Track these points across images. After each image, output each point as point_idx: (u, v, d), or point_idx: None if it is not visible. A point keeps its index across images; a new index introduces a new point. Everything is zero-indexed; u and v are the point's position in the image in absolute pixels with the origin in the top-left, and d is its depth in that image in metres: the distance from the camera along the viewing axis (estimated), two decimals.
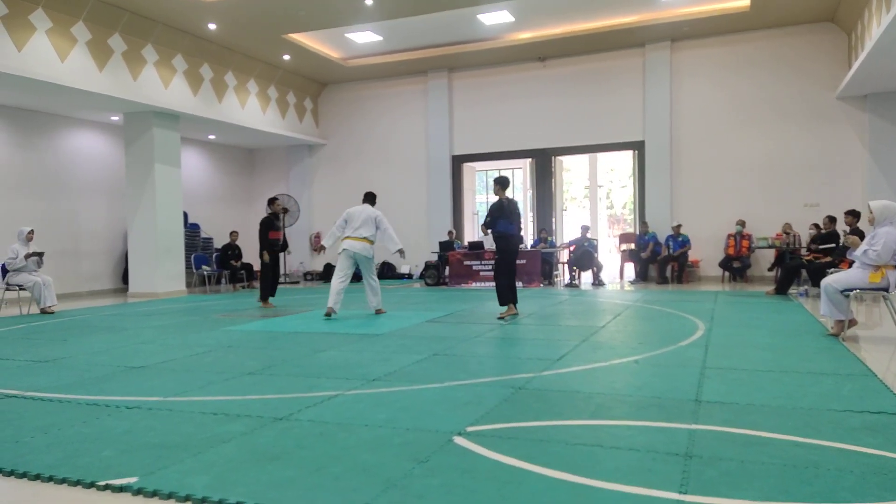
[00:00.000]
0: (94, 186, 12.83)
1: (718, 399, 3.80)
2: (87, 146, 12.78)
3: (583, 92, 13.81)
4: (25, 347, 6.36)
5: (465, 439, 3.14)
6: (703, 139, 12.98)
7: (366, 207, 8.24)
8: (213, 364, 5.31)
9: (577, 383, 4.31)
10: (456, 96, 14.92)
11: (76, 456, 3.05)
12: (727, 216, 12.66)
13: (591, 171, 23.88)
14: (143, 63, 11.30)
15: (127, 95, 10.88)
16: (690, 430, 3.23)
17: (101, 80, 10.49)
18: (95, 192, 12.86)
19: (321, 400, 3.98)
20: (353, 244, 7.99)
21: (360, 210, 8.16)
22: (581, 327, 6.91)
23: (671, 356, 5.19)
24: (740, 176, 12.71)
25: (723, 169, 12.83)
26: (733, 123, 12.77)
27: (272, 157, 16.80)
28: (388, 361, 5.19)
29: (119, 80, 10.83)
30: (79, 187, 12.55)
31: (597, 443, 3.06)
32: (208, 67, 12.79)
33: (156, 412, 3.80)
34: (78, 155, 12.56)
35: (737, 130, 12.75)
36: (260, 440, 3.22)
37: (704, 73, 12.96)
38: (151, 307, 9.99)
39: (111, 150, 13.15)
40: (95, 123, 12.88)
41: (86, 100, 10.79)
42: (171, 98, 11.84)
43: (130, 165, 12.01)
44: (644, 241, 12.89)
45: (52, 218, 11.99)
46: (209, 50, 12.56)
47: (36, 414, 3.85)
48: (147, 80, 11.38)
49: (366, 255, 8.03)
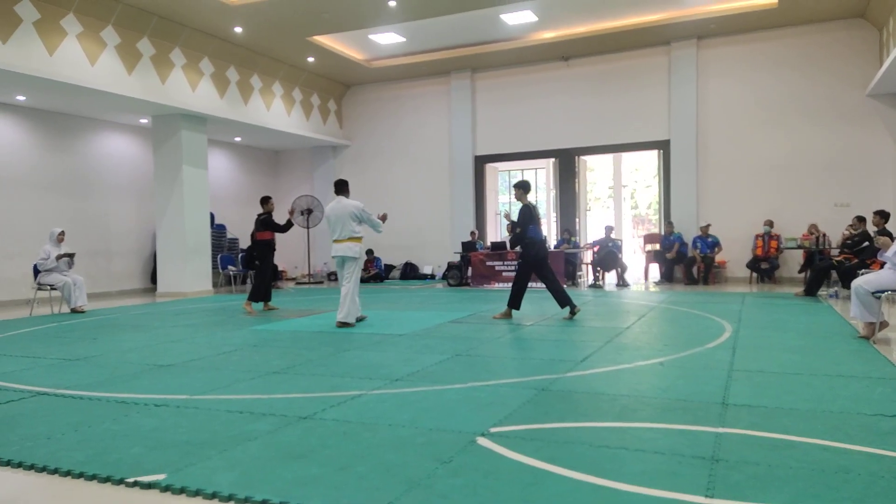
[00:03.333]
0: (123, 188, 13.07)
1: (746, 402, 3.75)
2: (117, 148, 13.02)
3: (607, 91, 13.71)
4: (57, 346, 6.50)
5: (489, 440, 3.14)
6: (730, 138, 12.81)
7: (339, 202, 7.38)
8: (239, 363, 5.38)
9: (602, 385, 4.29)
10: (479, 97, 14.91)
11: (106, 453, 3.12)
12: (754, 216, 12.47)
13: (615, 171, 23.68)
14: (170, 66, 11.48)
15: (155, 98, 11.06)
16: (717, 433, 3.19)
17: (130, 84, 10.68)
18: (125, 193, 13.09)
19: (345, 399, 4.01)
20: (335, 248, 7.32)
21: (333, 208, 7.38)
22: (605, 328, 6.87)
23: (697, 358, 5.13)
24: (767, 175, 12.51)
25: (750, 168, 12.64)
26: (761, 122, 12.57)
27: (296, 158, 16.95)
28: (411, 361, 5.21)
29: (147, 83, 11.01)
30: (108, 189, 12.79)
31: (622, 445, 3.04)
32: (234, 70, 12.95)
33: (183, 410, 3.85)
34: (107, 157, 12.80)
35: (764, 129, 12.55)
36: (285, 438, 3.26)
37: (731, 72, 12.78)
38: (179, 306, 10.14)
39: (140, 152, 13.38)
40: (124, 126, 13.12)
41: (115, 103, 10.99)
42: (198, 101, 12.01)
43: (159, 167, 12.21)
44: (669, 242, 12.75)
45: (83, 219, 12.24)
46: (235, 53, 12.72)
47: (67, 411, 3.93)
48: (175, 83, 11.57)
49: (348, 255, 7.27)
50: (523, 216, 7.53)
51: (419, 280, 14.96)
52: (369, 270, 15.01)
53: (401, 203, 15.60)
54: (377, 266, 15.19)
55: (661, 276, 12.94)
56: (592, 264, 12.82)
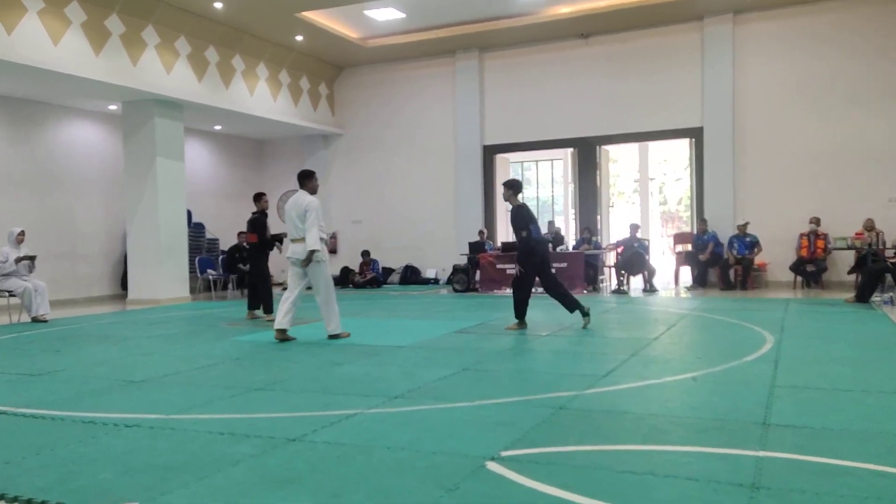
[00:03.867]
0: (90, 182, 13.12)
1: (789, 422, 3.74)
2: (83, 138, 13.08)
3: (632, 72, 13.70)
4: (16, 359, 6.53)
5: (499, 465, 3.14)
6: (771, 125, 12.77)
7: (297, 196, 7.15)
8: (219, 378, 5.39)
9: (627, 403, 4.28)
10: (488, 79, 14.91)
11: (71, 478, 3.12)
12: (799, 213, 12.42)
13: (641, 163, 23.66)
14: (143, 46, 11.53)
15: (126, 82, 11.10)
16: (757, 457, 3.18)
17: (98, 66, 10.73)
18: (92, 188, 13.15)
19: (338, 419, 4.02)
20: (293, 249, 7.06)
21: (290, 203, 7.16)
22: (630, 339, 6.85)
23: (735, 372, 5.12)
24: (814, 167, 12.47)
25: (794, 159, 12.60)
26: (806, 107, 12.53)
27: (284, 148, 16.99)
28: (411, 377, 5.21)
29: (117, 65, 11.06)
30: (73, 183, 12.84)
31: (649, 471, 3.03)
32: (214, 51, 12.99)
33: (158, 431, 3.86)
34: (72, 148, 12.86)
35: (809, 115, 12.51)
36: (271, 463, 3.26)
37: (772, 50, 12.75)
38: (153, 315, 10.17)
39: (109, 142, 13.43)
40: (92, 113, 13.17)
41: (81, 87, 11.04)
42: (173, 84, 12.06)
43: (130, 159, 12.25)
44: (703, 242, 12.73)
45: (45, 217, 12.29)
46: (215, 31, 12.76)
47: (28, 432, 3.95)
48: (147, 65, 11.61)
49: (302, 259, 7.01)
50: (523, 218, 7.53)
51: (421, 285, 14.97)
52: (365, 274, 15.03)
53: (400, 199, 15.62)
54: (374, 270, 15.21)
55: (693, 280, 12.91)
56: (616, 267, 12.80)
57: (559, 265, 12.32)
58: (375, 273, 15.14)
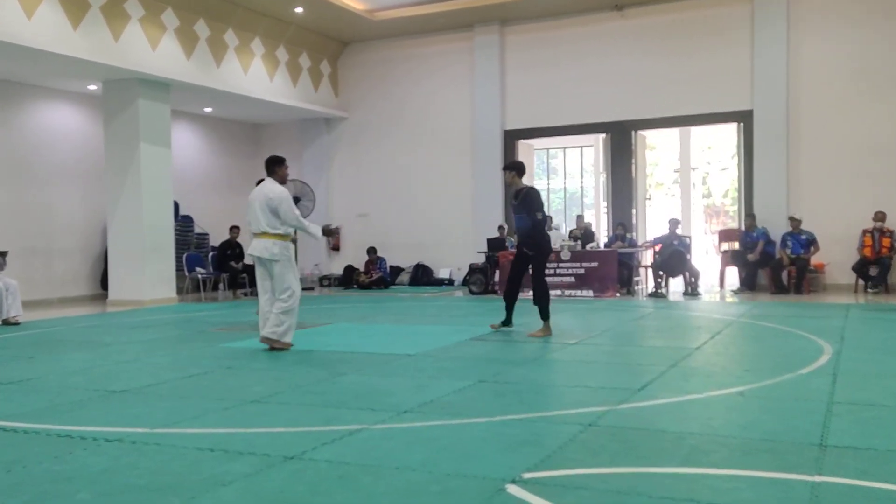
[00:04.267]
0: (67, 170, 13.24)
1: (850, 443, 3.71)
2: (59, 121, 13.19)
3: (672, 49, 13.62)
4: None
5: (521, 488, 3.13)
6: (829, 109, 12.67)
7: (263, 186, 7.12)
8: (209, 388, 5.42)
9: (665, 420, 4.27)
10: (509, 57, 14.89)
11: (44, 499, 3.14)
12: (861, 208, 12.30)
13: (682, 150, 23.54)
14: (125, 19, 11.60)
15: (106, 59, 11.18)
16: (813, 482, 3.15)
17: (76, 41, 10.81)
18: (69, 177, 13.26)
19: (341, 435, 4.02)
20: (255, 245, 7.00)
21: (255, 192, 7.12)
22: (669, 349, 6.83)
23: (787, 387, 5.09)
24: (878, 157, 12.36)
25: (855, 147, 12.49)
26: (869, 90, 12.42)
27: (282, 134, 17.05)
28: (423, 389, 5.22)
29: (97, 40, 11.14)
30: (49, 171, 12.96)
31: (690, 497, 3.01)
32: (204, 24, 13.06)
33: (141, 447, 3.89)
34: (48, 132, 12.98)
35: (873, 99, 12.39)
36: (267, 484, 3.27)
37: (831, 26, 12.65)
38: (136, 318, 10.24)
39: (88, 126, 13.54)
40: (69, 94, 13.28)
41: (57, 65, 11.13)
42: (159, 62, 12.13)
43: (111, 145, 12.34)
44: (751, 240, 12.64)
45: (17, 209, 12.41)
46: (205, 3, 12.83)
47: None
48: (131, 41, 11.68)
49: (265, 257, 6.92)
50: (539, 199, 7.76)
51: (434, 286, 14.98)
52: (371, 274, 15.07)
53: (411, 190, 15.64)
54: (381, 269, 15.24)
55: (740, 282, 12.84)
56: (653, 268, 12.75)
57: (589, 265, 12.30)
58: (382, 273, 15.17)
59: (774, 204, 12.93)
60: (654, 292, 12.33)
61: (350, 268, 15.62)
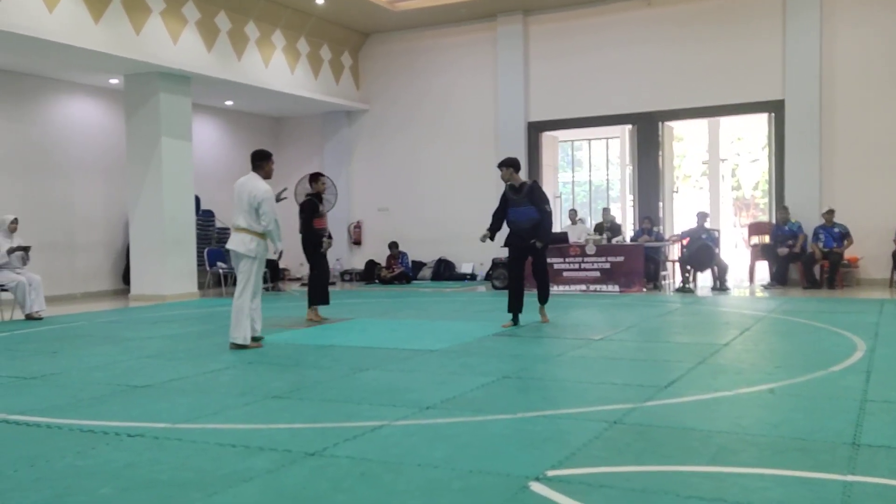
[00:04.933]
0: (89, 165, 13.38)
1: (884, 442, 3.68)
2: (81, 115, 13.33)
3: (700, 38, 13.49)
4: (8, 361, 6.70)
5: (545, 486, 3.13)
6: (865, 99, 12.49)
7: (248, 179, 7.15)
8: (231, 384, 5.47)
9: (692, 418, 4.25)
10: (533, 47, 14.82)
11: (68, 494, 3.19)
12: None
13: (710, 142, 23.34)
14: (147, 12, 11.69)
15: (128, 53, 11.28)
16: (845, 482, 3.13)
17: (97, 35, 10.91)
18: (91, 171, 13.40)
19: (362, 432, 4.04)
20: (231, 238, 7.06)
21: (239, 185, 7.18)
22: (697, 345, 6.79)
23: (819, 385, 5.05)
24: None
25: (891, 138, 12.30)
26: None
27: (302, 127, 17.12)
28: (445, 385, 5.23)
29: (118, 33, 11.24)
30: (71, 166, 13.10)
31: (718, 496, 3.00)
32: (225, 17, 13.13)
33: (163, 442, 3.93)
34: (70, 126, 13.12)
35: None
36: (288, 480, 3.30)
37: (867, 12, 12.45)
38: (157, 313, 10.35)
39: (110, 120, 13.68)
40: (90, 88, 13.42)
41: (78, 58, 11.24)
42: (180, 55, 12.22)
43: (132, 139, 12.46)
44: (783, 233, 12.51)
45: (40, 204, 12.56)
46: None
47: (20, 442, 4.05)
48: (152, 34, 11.78)
49: (241, 251, 6.92)
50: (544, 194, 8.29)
51: (456, 281, 14.98)
52: (393, 269, 15.10)
53: (433, 184, 15.63)
54: (403, 263, 15.27)
55: (770, 277, 12.72)
56: (681, 262, 12.66)
57: (615, 259, 12.23)
58: (404, 267, 15.20)
59: (806, 196, 12.78)
60: (681, 287, 12.25)
61: (371, 262, 15.66)
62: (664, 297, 11.52)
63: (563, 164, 20.93)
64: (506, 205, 8.23)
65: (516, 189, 8.17)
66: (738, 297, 11.46)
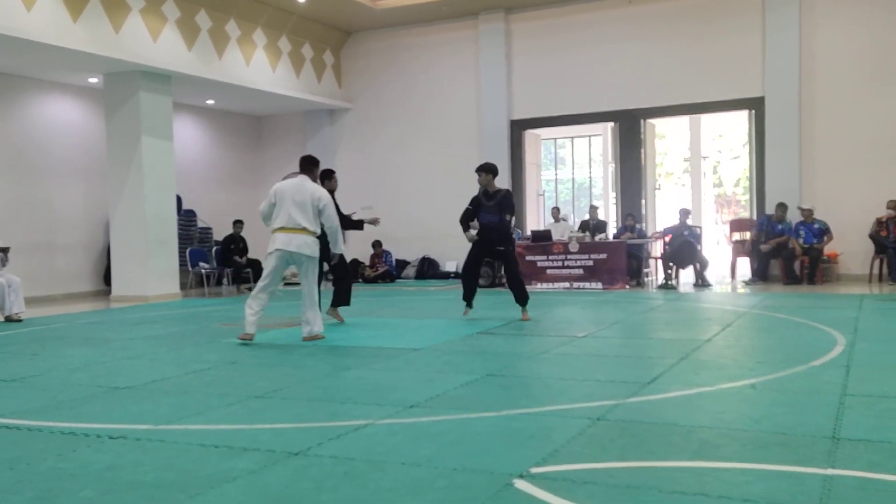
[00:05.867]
0: (68, 165, 13.26)
1: (863, 436, 3.71)
2: (60, 115, 13.22)
3: (681, 36, 13.56)
4: None
5: (529, 483, 3.14)
6: (844, 95, 12.60)
7: (302, 182, 7.18)
8: (213, 384, 5.44)
9: (675, 413, 4.28)
10: (515, 45, 14.85)
11: (49, 497, 3.17)
12: (875, 197, 12.21)
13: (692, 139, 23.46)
14: (126, 11, 11.61)
15: (107, 52, 11.19)
16: (825, 475, 3.16)
17: (76, 33, 10.83)
18: (70, 171, 13.29)
19: (346, 431, 4.04)
20: (289, 238, 6.97)
21: (292, 186, 7.12)
22: (679, 341, 6.83)
23: (800, 379, 5.09)
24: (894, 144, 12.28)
25: (870, 135, 12.42)
26: (885, 77, 12.33)
27: (285, 125, 17.06)
28: (430, 383, 5.23)
29: (97, 32, 11.15)
30: (50, 166, 12.98)
31: (700, 491, 3.02)
32: (206, 15, 13.06)
33: (145, 443, 3.91)
34: (49, 126, 13.00)
35: (888, 85, 12.31)
36: (271, 480, 3.29)
37: (846, 9, 12.56)
38: (139, 314, 10.29)
39: (90, 119, 13.56)
40: (70, 87, 13.31)
41: (57, 57, 11.15)
42: (160, 54, 12.14)
43: (112, 138, 12.37)
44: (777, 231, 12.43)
45: (18, 205, 12.45)
46: None
47: (0, 445, 4.01)
48: (131, 33, 11.70)
49: (307, 253, 6.99)
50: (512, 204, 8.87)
51: (440, 280, 14.99)
52: (377, 268, 15.08)
53: (416, 182, 15.63)
54: (387, 262, 15.26)
55: (752, 273, 12.81)
56: (663, 259, 12.73)
57: (598, 256, 12.29)
58: (388, 266, 15.19)
59: (787, 192, 12.86)
60: (664, 284, 12.32)
61: (355, 261, 15.61)
62: (647, 293, 11.58)
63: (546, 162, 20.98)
64: (478, 208, 8.62)
65: (490, 196, 8.56)
66: (719, 293, 11.54)
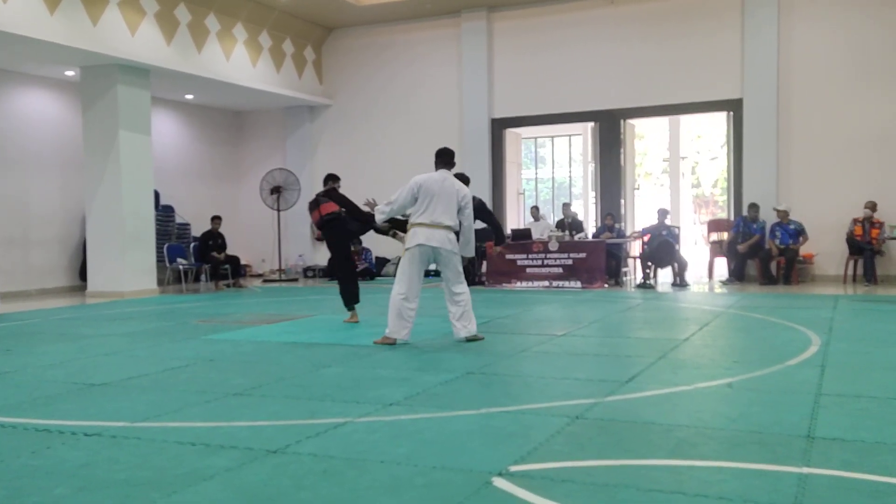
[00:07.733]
0: (44, 159, 13.11)
1: (838, 435, 3.75)
2: (36, 108, 13.06)
3: (661, 37, 13.63)
4: None
5: (508, 481, 3.15)
6: (821, 97, 12.71)
7: (445, 177, 6.92)
8: (191, 381, 5.40)
9: (652, 412, 4.30)
10: (497, 43, 14.86)
11: (22, 494, 3.13)
12: (851, 198, 12.34)
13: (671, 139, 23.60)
14: (104, 3, 11.48)
15: (84, 44, 11.08)
16: (800, 474, 3.19)
17: (53, 25, 10.70)
18: (46, 166, 13.14)
19: (325, 429, 4.03)
20: (433, 234, 6.66)
21: (438, 181, 6.85)
22: (657, 340, 6.87)
23: (775, 379, 5.14)
24: (870, 146, 12.40)
25: (847, 137, 12.54)
26: (862, 78, 12.46)
27: (264, 121, 16.96)
28: (409, 381, 5.23)
29: (74, 24, 11.03)
30: (26, 160, 12.83)
31: (677, 489, 3.04)
32: (185, 8, 12.95)
33: (120, 441, 3.88)
34: (24, 119, 12.85)
35: (866, 88, 12.44)
36: (249, 478, 3.27)
37: (824, 12, 12.68)
38: (115, 310, 10.20)
39: (66, 113, 13.42)
40: (46, 80, 13.15)
41: (33, 50, 11.01)
42: (138, 48, 12.03)
43: (89, 132, 12.24)
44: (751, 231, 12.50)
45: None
46: None
47: None
48: (109, 25, 11.58)
49: (449, 248, 6.75)
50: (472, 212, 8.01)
51: None
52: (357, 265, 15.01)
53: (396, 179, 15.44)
54: (366, 260, 15.21)
55: (729, 273, 12.90)
56: (642, 258, 12.79)
57: (577, 255, 12.33)
58: (368, 264, 15.15)
59: (764, 193, 12.97)
60: (642, 283, 12.38)
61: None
62: (625, 293, 11.64)
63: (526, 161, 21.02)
64: None
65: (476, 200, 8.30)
66: (697, 292, 11.62)
